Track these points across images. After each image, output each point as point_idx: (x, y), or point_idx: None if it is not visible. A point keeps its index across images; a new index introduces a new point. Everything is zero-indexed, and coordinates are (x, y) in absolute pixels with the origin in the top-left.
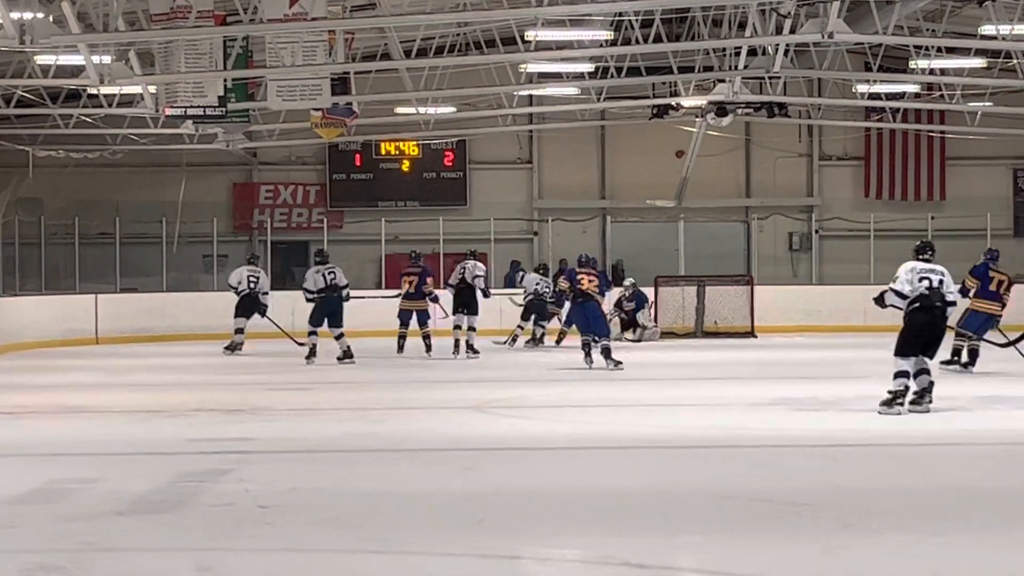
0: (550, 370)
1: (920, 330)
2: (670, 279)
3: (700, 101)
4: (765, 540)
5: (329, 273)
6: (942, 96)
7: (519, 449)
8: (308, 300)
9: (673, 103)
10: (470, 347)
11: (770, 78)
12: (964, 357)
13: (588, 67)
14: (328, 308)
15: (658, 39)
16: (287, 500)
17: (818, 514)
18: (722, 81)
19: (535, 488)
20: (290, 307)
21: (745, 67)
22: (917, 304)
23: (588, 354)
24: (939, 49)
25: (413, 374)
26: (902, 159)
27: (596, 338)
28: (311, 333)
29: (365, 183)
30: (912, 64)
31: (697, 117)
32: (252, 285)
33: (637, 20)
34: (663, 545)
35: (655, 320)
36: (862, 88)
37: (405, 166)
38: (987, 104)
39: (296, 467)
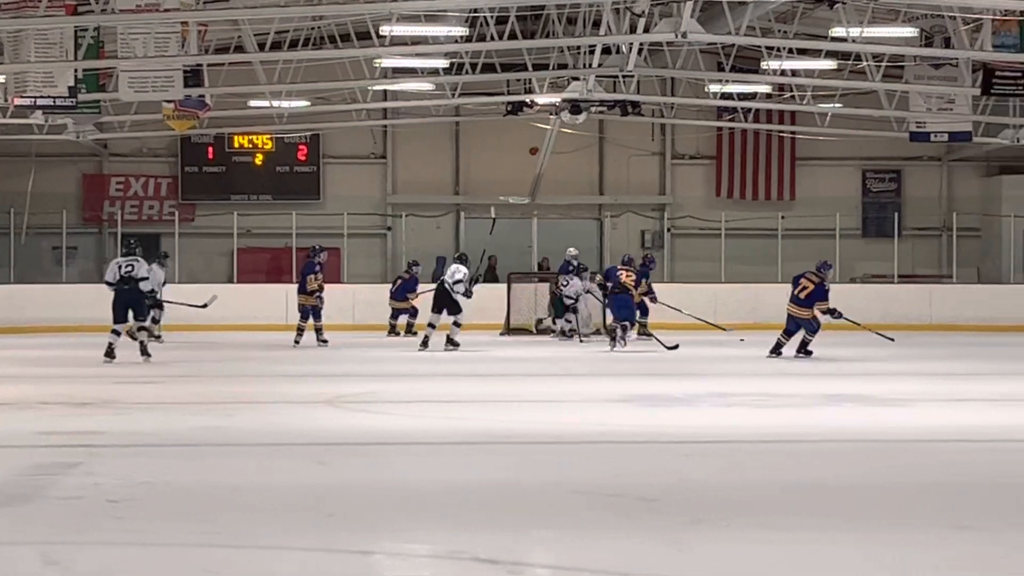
0: (403, 364)
1: None
2: (523, 275)
3: (554, 99)
4: (616, 535)
5: (127, 265)
6: (793, 97)
7: (370, 444)
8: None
9: (527, 100)
10: (449, 340)
11: (624, 77)
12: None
13: (443, 63)
14: (123, 301)
15: (513, 36)
16: (137, 494)
17: (669, 509)
18: (576, 79)
19: (386, 483)
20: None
21: (599, 65)
22: None
23: (614, 339)
24: (790, 50)
25: (267, 368)
26: (753, 159)
27: (625, 325)
28: (113, 331)
29: (217, 176)
30: (764, 65)
31: (551, 114)
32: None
33: (492, 17)
34: (514, 540)
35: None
36: (714, 88)
37: (258, 160)
38: (837, 105)
39: (146, 461)
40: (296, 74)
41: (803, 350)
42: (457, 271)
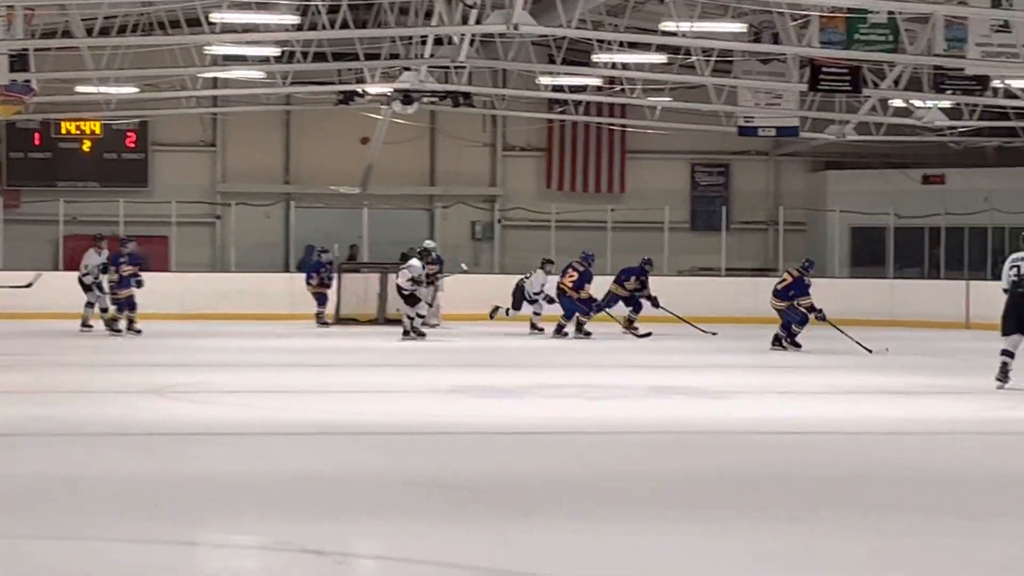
0: (231, 354)
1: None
2: (353, 265)
3: (386, 88)
4: (444, 526)
5: None
6: (623, 90)
7: (197, 434)
8: None
9: (359, 90)
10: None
11: (456, 68)
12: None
13: (274, 51)
14: None
15: (345, 25)
16: None
17: (497, 500)
18: (408, 69)
19: (213, 473)
20: None
21: (431, 56)
22: None
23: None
24: (621, 44)
25: (93, 357)
26: (583, 151)
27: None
28: None
29: (44, 162)
30: (595, 58)
31: (383, 104)
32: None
33: (324, 5)
34: (342, 531)
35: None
36: (545, 80)
37: (86, 146)
38: (666, 99)
39: None
40: (125, 60)
41: (792, 341)
42: (411, 269)
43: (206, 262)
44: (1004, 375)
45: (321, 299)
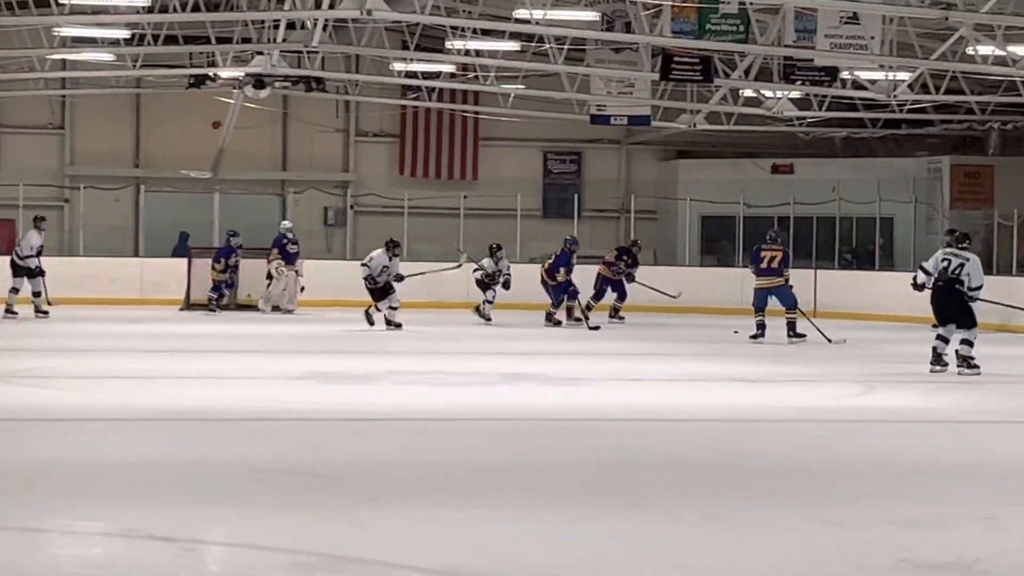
0: (82, 340)
1: None
2: (204, 251)
3: (238, 73)
4: (292, 513)
5: None
6: (476, 77)
7: (45, 420)
8: None
9: (211, 73)
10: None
11: (308, 52)
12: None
13: (124, 33)
14: None
15: (196, 8)
16: None
17: (346, 487)
18: (260, 53)
19: (60, 459)
20: None
21: (284, 40)
22: None
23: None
24: (474, 31)
25: None
26: (436, 138)
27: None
28: None
29: None
30: (448, 44)
31: (235, 88)
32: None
33: None
34: (191, 518)
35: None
36: (399, 66)
37: None
38: (520, 87)
39: None
40: None
41: (793, 332)
42: (378, 262)
43: (53, 246)
44: (937, 360)
45: (221, 286)
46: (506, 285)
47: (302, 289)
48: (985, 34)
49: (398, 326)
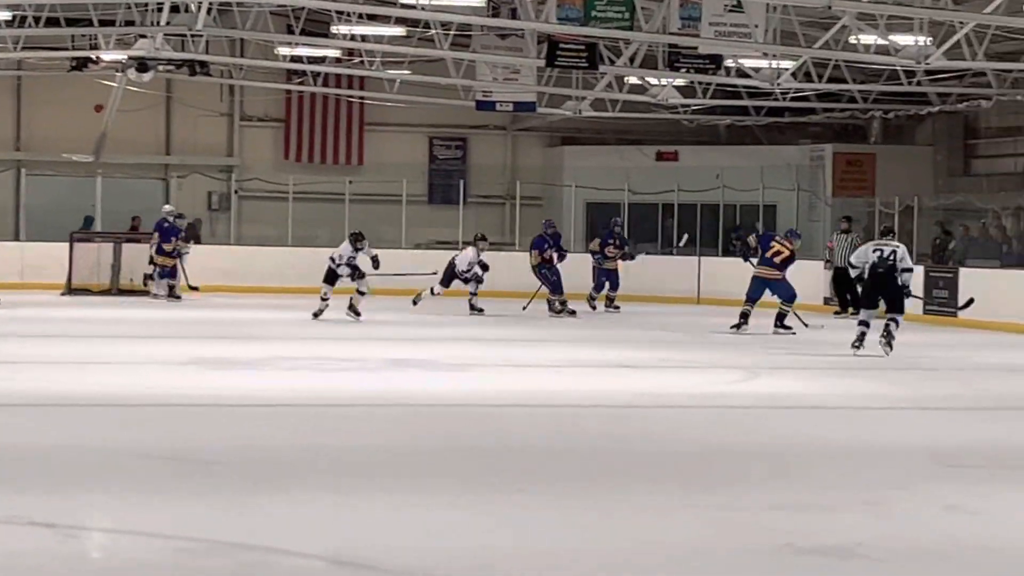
0: None
1: None
2: (85, 235)
3: (121, 56)
4: (176, 498)
5: None
6: (362, 62)
7: None
8: None
9: (93, 56)
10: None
11: (192, 36)
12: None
13: (5, 15)
14: None
15: None
16: None
17: (229, 472)
18: (144, 36)
19: None
20: None
21: (167, 23)
22: None
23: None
24: (360, 15)
25: None
26: (322, 123)
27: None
28: None
29: None
30: (334, 29)
31: (117, 72)
32: None
33: None
34: (73, 504)
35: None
36: (284, 51)
37: None
38: (405, 72)
39: None
40: None
41: (781, 323)
42: (343, 253)
43: None
44: (860, 342)
45: (167, 272)
46: (479, 279)
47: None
48: (868, 23)
49: (357, 314)
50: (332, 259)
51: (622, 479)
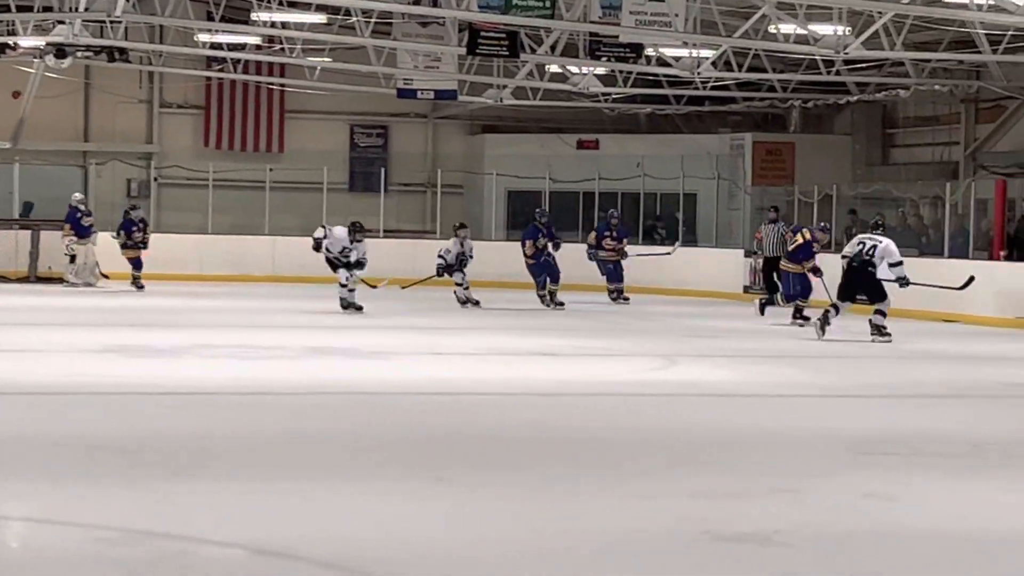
0: None
1: None
2: (4, 222)
3: (39, 42)
4: (95, 487)
5: None
6: (283, 49)
7: None
8: None
9: (10, 42)
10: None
11: (111, 22)
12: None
13: None
14: None
15: None
16: None
17: (148, 460)
18: (62, 23)
19: None
20: None
21: (86, 9)
22: None
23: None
24: (280, 2)
25: None
26: (242, 110)
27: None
28: None
29: None
30: (254, 16)
31: (35, 58)
32: None
33: None
34: None
35: None
36: (204, 37)
37: None
38: (326, 60)
39: None
40: None
41: (802, 315)
42: (337, 238)
43: None
44: (823, 320)
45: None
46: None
47: (96, 264)
48: (787, 13)
49: (359, 310)
50: (327, 248)
51: (543, 467)
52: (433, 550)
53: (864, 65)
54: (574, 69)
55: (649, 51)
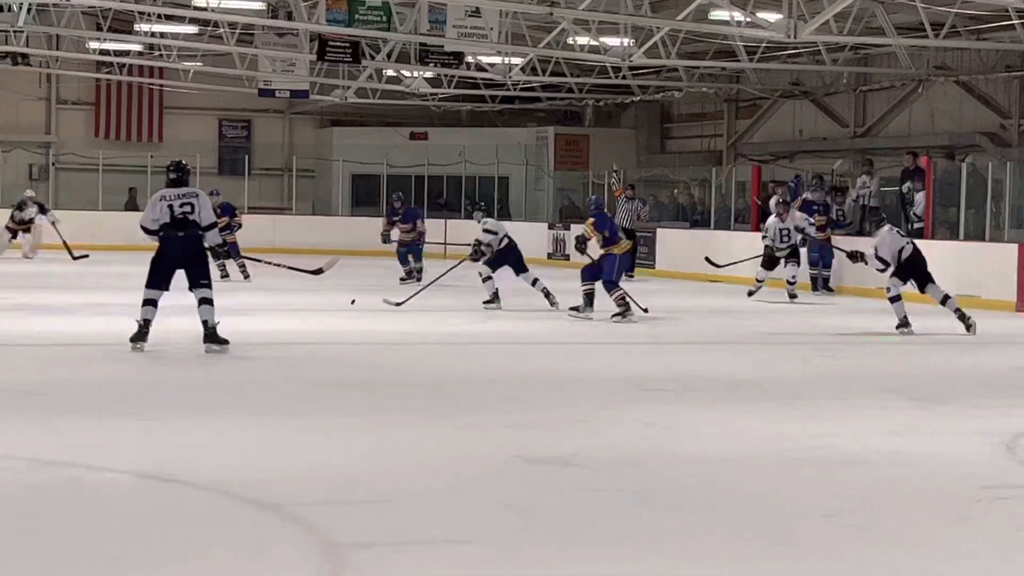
0: None
1: None
2: None
3: None
4: (1, 424)
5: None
6: (161, 55)
7: None
8: None
9: None
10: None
11: (15, 32)
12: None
13: None
14: None
15: None
16: None
17: (48, 402)
18: None
19: None
20: None
21: None
22: None
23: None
24: (159, 16)
25: None
26: (128, 105)
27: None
28: None
29: None
30: (137, 27)
31: None
32: None
33: None
34: None
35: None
36: (94, 44)
37: None
38: (198, 64)
39: None
40: None
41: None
42: None
43: None
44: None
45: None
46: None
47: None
48: (583, 27)
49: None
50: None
51: (379, 406)
52: (290, 476)
53: (645, 71)
54: (407, 72)
55: (469, 58)
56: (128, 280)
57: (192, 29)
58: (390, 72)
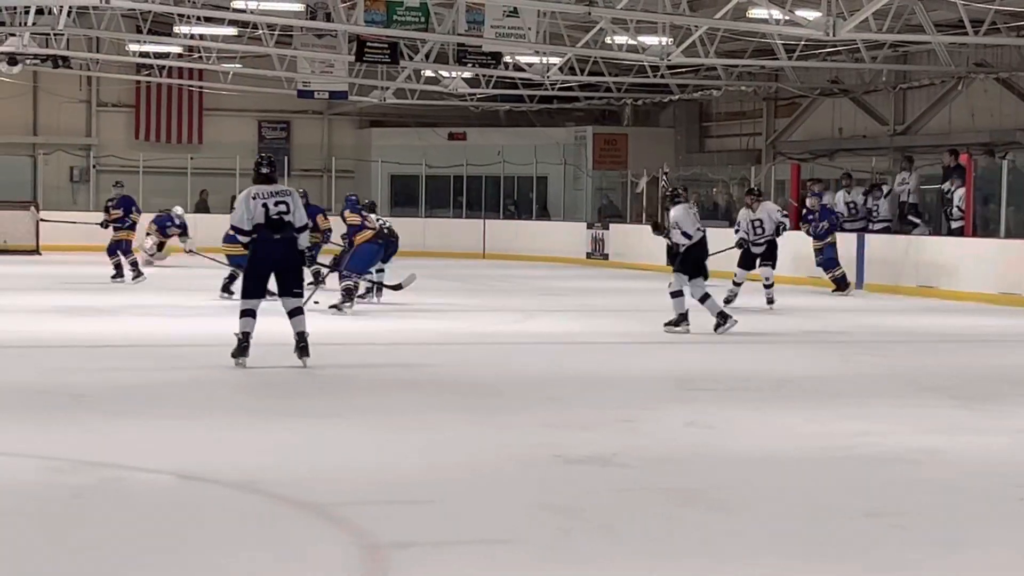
0: None
1: None
2: None
3: None
4: (48, 426)
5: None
6: (201, 57)
7: None
8: None
9: None
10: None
11: (55, 35)
12: None
13: None
14: None
15: None
16: None
17: (95, 404)
18: (13, 35)
19: None
20: None
21: (33, 24)
22: None
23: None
24: (198, 18)
25: None
26: (167, 108)
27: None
28: None
29: None
30: (176, 29)
31: None
32: None
33: None
34: None
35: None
36: (134, 47)
37: None
38: (237, 66)
39: None
40: None
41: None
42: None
43: None
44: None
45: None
46: None
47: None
48: (620, 27)
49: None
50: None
51: (418, 406)
52: (329, 474)
53: (684, 69)
54: (445, 73)
55: (507, 58)
56: (162, 282)
57: (231, 31)
58: (428, 73)
